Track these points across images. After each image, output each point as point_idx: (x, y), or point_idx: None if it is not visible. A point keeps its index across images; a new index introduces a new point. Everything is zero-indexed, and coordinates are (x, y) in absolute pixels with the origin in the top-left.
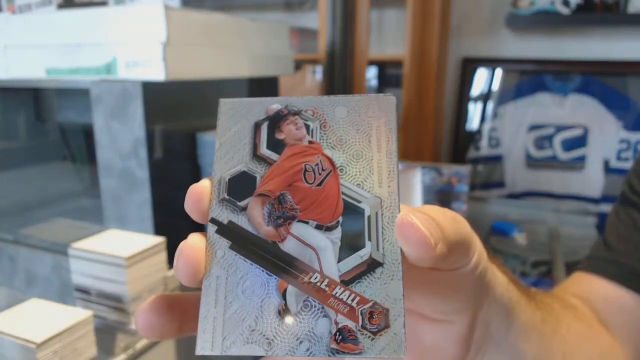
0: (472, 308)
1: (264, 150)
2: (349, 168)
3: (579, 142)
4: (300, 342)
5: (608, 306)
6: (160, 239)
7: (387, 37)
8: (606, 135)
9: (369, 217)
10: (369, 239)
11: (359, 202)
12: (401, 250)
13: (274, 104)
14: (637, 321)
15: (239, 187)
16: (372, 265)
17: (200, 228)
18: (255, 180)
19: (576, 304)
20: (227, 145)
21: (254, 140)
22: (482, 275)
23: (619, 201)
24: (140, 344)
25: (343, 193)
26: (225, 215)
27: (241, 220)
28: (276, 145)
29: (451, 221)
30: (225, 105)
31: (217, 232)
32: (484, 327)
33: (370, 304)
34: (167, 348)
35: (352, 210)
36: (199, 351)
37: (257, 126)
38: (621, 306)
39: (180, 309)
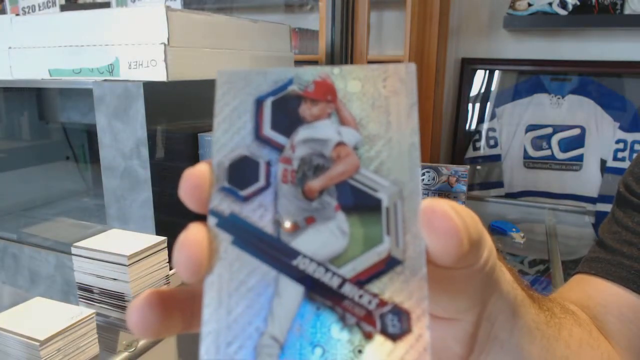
0: (479, 306)
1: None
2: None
3: (576, 142)
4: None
5: (607, 312)
6: (161, 239)
7: (387, 38)
8: (603, 135)
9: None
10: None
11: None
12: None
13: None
14: (638, 329)
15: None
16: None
17: (201, 217)
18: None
19: (574, 310)
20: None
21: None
22: (491, 272)
23: (616, 204)
24: (143, 341)
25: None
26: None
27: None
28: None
29: (471, 216)
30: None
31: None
32: (489, 325)
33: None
34: (169, 345)
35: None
36: (204, 356)
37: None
38: (622, 312)
39: (178, 305)
